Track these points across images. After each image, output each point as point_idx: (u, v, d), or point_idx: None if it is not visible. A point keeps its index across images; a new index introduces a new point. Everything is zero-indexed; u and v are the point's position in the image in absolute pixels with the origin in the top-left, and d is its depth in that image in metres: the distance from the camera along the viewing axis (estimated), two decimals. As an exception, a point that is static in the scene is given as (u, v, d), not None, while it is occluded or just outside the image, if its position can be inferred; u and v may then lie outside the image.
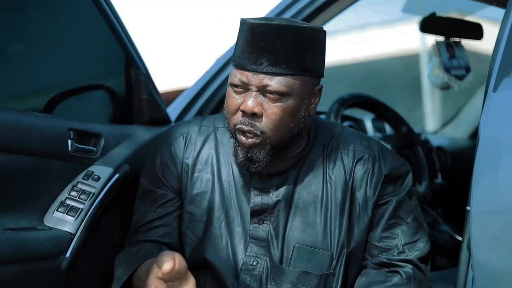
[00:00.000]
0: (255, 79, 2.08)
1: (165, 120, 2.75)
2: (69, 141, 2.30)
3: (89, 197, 2.30)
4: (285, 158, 2.21)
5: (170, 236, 2.25)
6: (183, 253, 2.25)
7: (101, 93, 2.73)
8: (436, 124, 7.15)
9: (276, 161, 2.18)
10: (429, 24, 3.23)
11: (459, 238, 3.46)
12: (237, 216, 2.22)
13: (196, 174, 2.26)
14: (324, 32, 2.15)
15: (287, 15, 2.95)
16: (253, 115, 2.09)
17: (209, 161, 2.26)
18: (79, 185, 2.31)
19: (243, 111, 2.09)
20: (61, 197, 2.28)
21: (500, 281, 1.92)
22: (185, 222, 2.25)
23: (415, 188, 3.18)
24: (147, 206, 2.27)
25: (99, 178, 2.34)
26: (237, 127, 2.11)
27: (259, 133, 2.10)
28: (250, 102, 2.08)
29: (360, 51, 8.44)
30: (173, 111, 2.93)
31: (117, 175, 2.39)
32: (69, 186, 2.31)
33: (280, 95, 2.09)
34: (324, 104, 3.58)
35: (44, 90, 2.59)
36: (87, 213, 2.28)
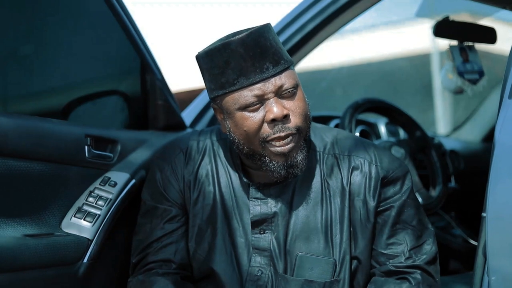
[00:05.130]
0: (269, 85, 2.07)
1: (180, 125, 2.76)
2: (86, 147, 2.31)
3: (106, 203, 2.31)
4: None
5: (181, 253, 2.25)
6: (191, 266, 2.27)
7: (116, 99, 2.74)
8: (448, 127, 7.14)
9: None
10: (442, 29, 3.23)
11: (473, 242, 3.46)
12: (239, 227, 2.23)
13: (198, 188, 2.26)
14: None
15: (306, 17, 2.96)
16: (284, 117, 2.08)
17: (209, 174, 2.27)
18: (96, 191, 2.33)
19: (273, 120, 2.07)
20: (78, 203, 2.29)
21: (517, 287, 1.92)
22: (191, 236, 2.26)
23: (429, 192, 3.18)
24: (154, 223, 2.26)
25: (115, 184, 2.35)
26: (270, 138, 2.09)
27: (295, 131, 2.10)
28: (276, 108, 2.07)
29: (371, 52, 8.43)
30: (187, 116, 2.94)
31: (133, 181, 2.40)
32: (86, 192, 2.32)
33: (294, 88, 2.10)
34: (338, 108, 3.59)
35: (60, 95, 2.61)
36: (104, 218, 2.29)
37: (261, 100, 2.08)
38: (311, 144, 2.25)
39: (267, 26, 2.10)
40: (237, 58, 2.05)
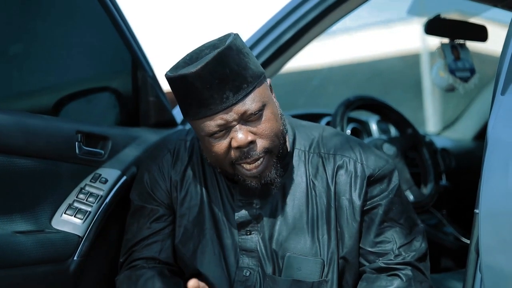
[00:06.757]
0: (232, 114, 2.03)
1: (172, 122, 2.75)
2: (76, 143, 2.30)
3: (97, 200, 2.30)
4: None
5: (166, 252, 2.25)
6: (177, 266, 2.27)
7: (108, 95, 2.73)
8: (438, 126, 7.15)
9: None
10: (434, 26, 3.23)
11: (464, 240, 3.46)
12: (226, 228, 2.22)
13: (185, 189, 2.25)
14: (238, 34, 2.09)
15: (293, 18, 2.95)
16: (250, 143, 2.05)
17: (197, 175, 2.25)
18: (87, 188, 2.32)
19: (238, 147, 2.05)
20: (69, 200, 2.28)
21: (510, 283, 1.92)
22: (177, 236, 2.25)
23: (421, 190, 3.17)
24: (141, 223, 2.26)
25: (106, 180, 2.35)
26: (237, 162, 2.08)
27: (263, 154, 2.08)
28: (241, 135, 2.04)
29: (362, 51, 8.44)
30: (179, 113, 2.93)
31: (124, 178, 2.39)
32: (77, 189, 2.31)
33: (260, 111, 2.05)
34: (330, 106, 3.59)
35: (51, 91, 2.60)
36: (95, 215, 2.29)
37: (226, 127, 2.04)
38: (295, 142, 2.23)
39: (227, 48, 2.01)
40: (195, 91, 2.00)
